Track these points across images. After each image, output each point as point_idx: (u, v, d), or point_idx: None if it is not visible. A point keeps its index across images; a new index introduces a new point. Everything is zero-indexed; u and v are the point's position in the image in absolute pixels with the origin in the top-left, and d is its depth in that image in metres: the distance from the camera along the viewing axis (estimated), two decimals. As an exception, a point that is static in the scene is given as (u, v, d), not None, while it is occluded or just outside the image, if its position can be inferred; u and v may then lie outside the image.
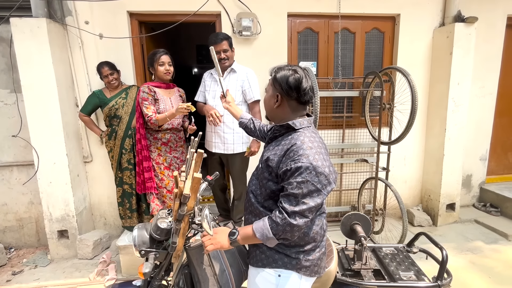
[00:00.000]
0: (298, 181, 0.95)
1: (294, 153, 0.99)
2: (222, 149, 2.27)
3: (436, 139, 2.95)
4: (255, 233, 1.02)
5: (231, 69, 2.23)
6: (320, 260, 1.13)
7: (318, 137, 1.09)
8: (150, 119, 2.02)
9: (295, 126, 1.06)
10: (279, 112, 1.11)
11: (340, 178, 3.01)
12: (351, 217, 1.43)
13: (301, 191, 0.96)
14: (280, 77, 1.06)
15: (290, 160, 0.98)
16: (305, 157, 0.96)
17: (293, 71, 1.05)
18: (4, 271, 2.43)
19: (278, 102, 1.08)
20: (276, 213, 1.00)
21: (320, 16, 2.79)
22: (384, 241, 2.62)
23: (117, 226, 2.85)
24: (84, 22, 2.49)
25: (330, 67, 2.90)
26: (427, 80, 3.00)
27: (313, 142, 1.02)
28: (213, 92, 2.26)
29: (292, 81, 1.04)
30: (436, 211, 2.97)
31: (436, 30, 2.89)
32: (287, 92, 1.05)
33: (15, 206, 2.72)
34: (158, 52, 2.08)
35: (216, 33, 2.17)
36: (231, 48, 2.17)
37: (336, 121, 2.96)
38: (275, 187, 1.05)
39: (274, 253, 1.09)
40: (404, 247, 1.46)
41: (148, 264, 1.10)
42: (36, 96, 2.33)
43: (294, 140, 1.02)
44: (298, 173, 0.96)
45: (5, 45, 2.46)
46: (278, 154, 1.04)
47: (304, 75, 1.06)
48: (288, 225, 0.97)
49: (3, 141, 2.59)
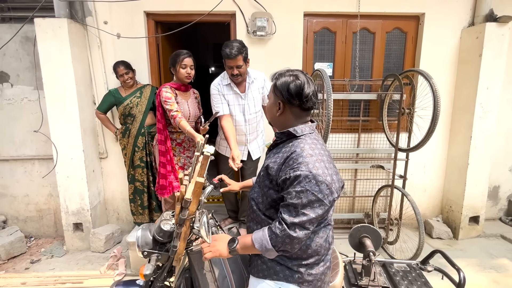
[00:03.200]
0: (297, 191, 0.91)
1: (294, 161, 0.95)
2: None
3: (461, 146, 2.76)
4: (254, 243, 0.99)
5: (251, 80, 2.11)
6: (324, 275, 1.08)
7: (320, 144, 1.04)
8: (175, 116, 1.91)
9: (296, 133, 1.02)
10: (282, 119, 1.07)
11: (353, 184, 2.90)
12: (360, 229, 1.36)
13: (300, 201, 0.91)
14: (280, 84, 1.02)
15: (289, 168, 0.94)
16: (304, 165, 0.92)
17: (294, 77, 1.00)
18: (24, 259, 2.56)
19: (280, 110, 1.04)
20: (276, 224, 0.96)
21: (338, 15, 2.68)
22: (398, 253, 2.49)
23: (129, 222, 2.92)
24: (103, 22, 2.55)
25: (347, 68, 2.79)
26: (452, 84, 2.81)
27: (314, 150, 0.97)
28: (240, 106, 2.14)
29: (294, 88, 0.99)
30: (458, 223, 2.79)
31: (464, 30, 2.70)
32: (289, 100, 1.01)
33: (36, 197, 2.86)
34: (181, 54, 2.04)
35: (231, 45, 1.92)
36: (245, 62, 1.98)
37: (351, 124, 2.84)
38: (276, 195, 1.01)
39: (276, 265, 1.05)
40: (418, 264, 1.36)
41: (150, 266, 1.10)
42: (56, 94, 2.43)
43: (294, 148, 0.98)
44: (297, 182, 0.91)
45: (30, 44, 2.57)
46: (278, 162, 1.01)
47: (307, 80, 1.01)
48: (287, 237, 0.92)
49: (26, 135, 2.73)
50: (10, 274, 2.34)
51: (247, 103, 2.15)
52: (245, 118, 2.18)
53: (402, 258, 2.40)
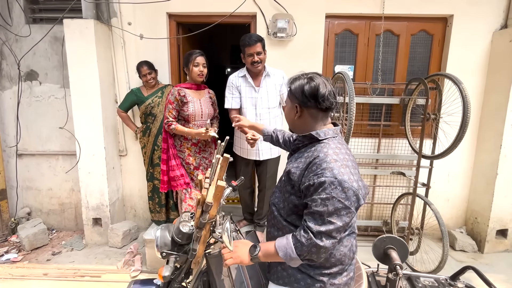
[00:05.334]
0: (323, 198, 0.88)
1: (317, 166, 0.91)
2: (254, 155, 2.23)
3: (489, 155, 2.62)
4: (278, 251, 0.96)
5: (266, 73, 2.16)
6: (347, 285, 1.04)
7: (345, 148, 1.00)
8: (169, 125, 2.06)
9: (319, 136, 1.00)
10: (301, 123, 1.05)
11: (372, 190, 2.81)
12: (386, 240, 1.30)
13: (326, 208, 0.88)
14: (295, 88, 1.01)
15: (313, 174, 0.91)
16: (329, 171, 0.89)
17: (308, 79, 1.00)
18: (46, 250, 2.65)
19: (298, 113, 1.03)
20: (301, 232, 0.92)
21: (361, 17, 2.62)
22: (419, 264, 2.38)
23: (145, 219, 2.97)
24: (127, 23, 2.62)
25: (369, 71, 2.72)
26: (481, 89, 2.67)
27: (339, 154, 0.94)
28: (252, 99, 2.16)
29: (308, 89, 0.98)
30: (484, 236, 2.64)
31: (496, 33, 2.56)
32: (305, 102, 0.99)
33: (59, 191, 2.96)
34: (194, 53, 2.09)
35: (249, 35, 2.07)
36: (264, 50, 2.07)
37: (372, 129, 2.77)
38: (298, 201, 0.98)
39: (297, 272, 1.02)
40: (447, 279, 1.29)
41: (168, 268, 1.10)
42: (81, 92, 2.51)
43: (317, 152, 0.95)
44: (322, 189, 0.88)
45: (58, 44, 2.68)
46: (300, 167, 0.98)
47: (322, 81, 0.99)
48: (313, 246, 0.89)
49: (52, 131, 2.84)
50: (33, 264, 2.44)
51: (260, 96, 2.13)
52: (256, 112, 2.15)
53: (423, 270, 2.30)
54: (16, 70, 2.71)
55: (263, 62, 2.10)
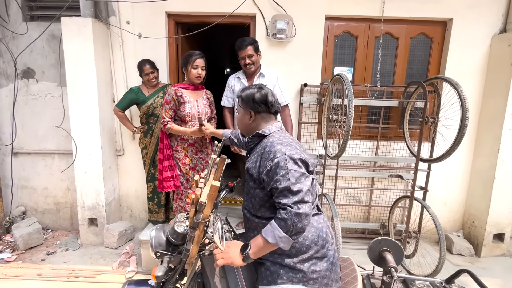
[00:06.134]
0: (282, 174, 1.01)
1: (268, 153, 1.08)
2: None
3: (486, 159, 2.62)
4: (266, 238, 1.00)
5: (260, 73, 2.22)
6: (329, 271, 1.08)
7: (287, 136, 1.18)
8: (165, 124, 2.06)
9: (265, 133, 1.18)
10: (254, 126, 1.22)
11: (370, 193, 2.81)
12: (381, 242, 1.29)
13: (289, 181, 1.00)
14: (246, 96, 1.20)
15: (266, 160, 1.06)
16: (278, 152, 1.05)
17: (258, 89, 1.19)
18: (40, 250, 2.63)
19: (252, 117, 1.20)
20: (280, 211, 1.01)
21: (361, 19, 2.62)
22: (416, 267, 2.38)
23: (141, 219, 2.95)
24: (126, 22, 2.60)
25: (368, 74, 2.71)
26: (480, 93, 2.67)
27: (283, 139, 1.11)
28: None
29: (259, 97, 1.17)
30: (481, 240, 2.64)
31: (495, 37, 2.56)
32: (257, 107, 1.18)
33: (54, 190, 2.94)
34: (194, 54, 2.06)
35: (243, 38, 2.15)
36: (256, 53, 2.16)
37: (370, 131, 2.76)
38: (263, 193, 1.10)
39: (279, 268, 1.06)
40: (442, 283, 1.28)
41: (162, 268, 1.09)
42: (78, 90, 2.49)
43: (265, 144, 1.13)
44: (278, 168, 1.02)
45: (56, 42, 2.65)
46: (255, 161, 1.13)
47: (269, 91, 1.20)
48: (295, 215, 0.97)
49: (48, 130, 2.81)
50: (27, 264, 2.41)
51: None
52: None
53: (420, 273, 2.29)
54: (13, 67, 2.69)
55: (256, 64, 2.18)
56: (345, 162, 2.74)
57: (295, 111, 2.68)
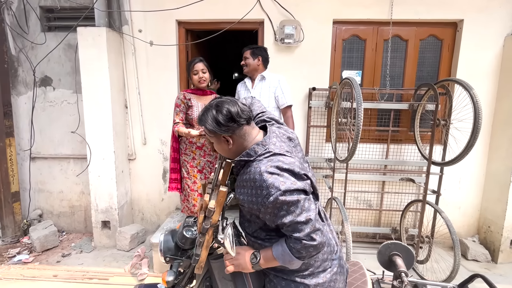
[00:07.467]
0: (285, 210, 0.91)
1: (260, 189, 0.92)
2: None
3: (502, 162, 2.55)
4: (277, 259, 0.99)
5: (261, 76, 2.30)
6: (334, 282, 1.04)
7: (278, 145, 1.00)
8: (174, 127, 2.14)
9: (250, 157, 0.99)
10: (237, 148, 1.02)
11: (381, 197, 2.77)
12: (391, 246, 1.28)
13: (294, 215, 0.91)
14: (209, 124, 0.97)
15: (261, 198, 0.92)
16: (272, 188, 0.90)
17: (215, 107, 0.98)
18: (56, 252, 2.70)
19: (229, 142, 1.00)
20: (293, 242, 0.94)
21: (369, 22, 2.62)
22: (429, 273, 2.32)
23: (153, 222, 3.00)
24: (138, 31, 2.68)
25: (377, 77, 2.70)
26: (493, 95, 2.62)
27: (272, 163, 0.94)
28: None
29: (223, 117, 0.96)
30: (497, 245, 2.56)
31: (508, 37, 2.51)
32: (227, 129, 0.97)
33: (69, 194, 3.03)
34: (192, 61, 2.16)
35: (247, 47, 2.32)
36: (252, 57, 2.26)
37: (380, 134, 2.74)
38: (258, 219, 1.03)
39: (281, 280, 1.04)
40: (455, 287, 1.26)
41: (172, 272, 1.11)
42: (92, 97, 2.58)
43: (253, 175, 0.94)
44: (278, 205, 0.91)
45: (72, 51, 2.76)
46: (247, 193, 0.98)
47: (227, 101, 0.98)
48: (310, 247, 0.93)
49: (64, 135, 2.91)
50: (44, 266, 2.49)
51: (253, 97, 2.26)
52: None
53: (434, 279, 2.24)
54: (31, 76, 2.81)
55: (249, 67, 2.30)
56: (355, 165, 2.72)
57: (303, 114, 2.69)
